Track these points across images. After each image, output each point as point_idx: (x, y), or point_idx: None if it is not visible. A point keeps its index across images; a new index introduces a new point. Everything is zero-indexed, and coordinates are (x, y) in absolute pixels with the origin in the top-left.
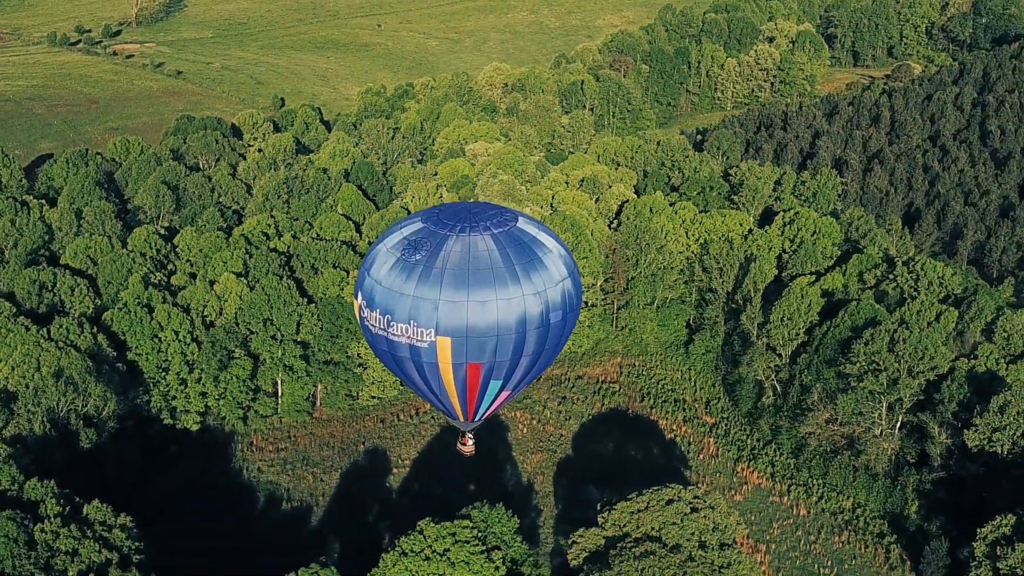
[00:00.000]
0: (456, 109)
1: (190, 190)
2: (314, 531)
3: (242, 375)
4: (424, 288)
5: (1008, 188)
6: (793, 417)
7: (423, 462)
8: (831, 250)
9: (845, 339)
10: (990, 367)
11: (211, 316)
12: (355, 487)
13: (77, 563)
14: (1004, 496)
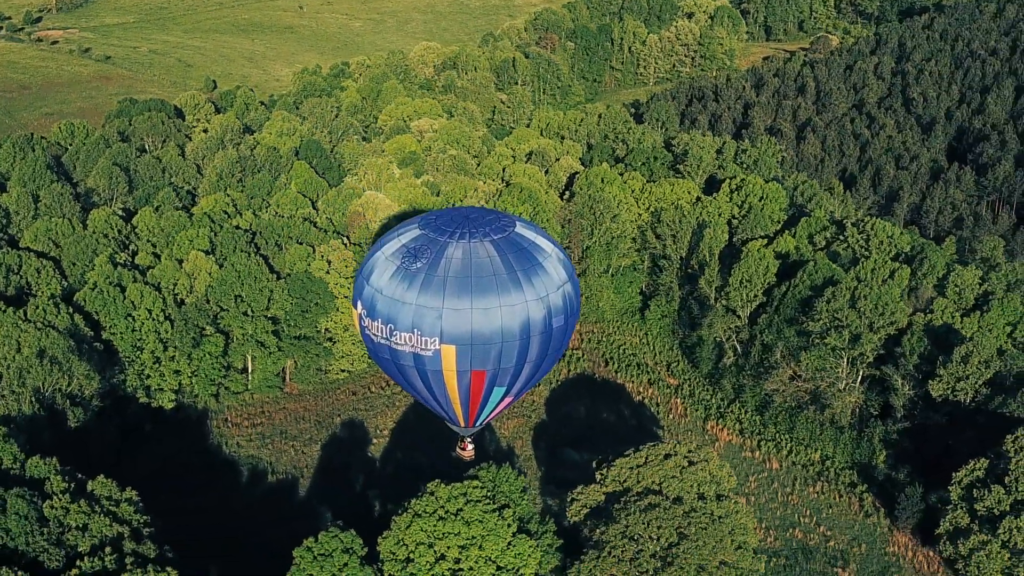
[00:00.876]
0: (397, 87)
1: (141, 171)
2: (303, 502)
3: (215, 352)
4: (427, 297)
5: (936, 152)
6: (756, 376)
7: (401, 432)
8: (779, 215)
9: (805, 298)
10: (945, 320)
11: (181, 294)
12: (337, 458)
13: (88, 538)
14: (969, 443)
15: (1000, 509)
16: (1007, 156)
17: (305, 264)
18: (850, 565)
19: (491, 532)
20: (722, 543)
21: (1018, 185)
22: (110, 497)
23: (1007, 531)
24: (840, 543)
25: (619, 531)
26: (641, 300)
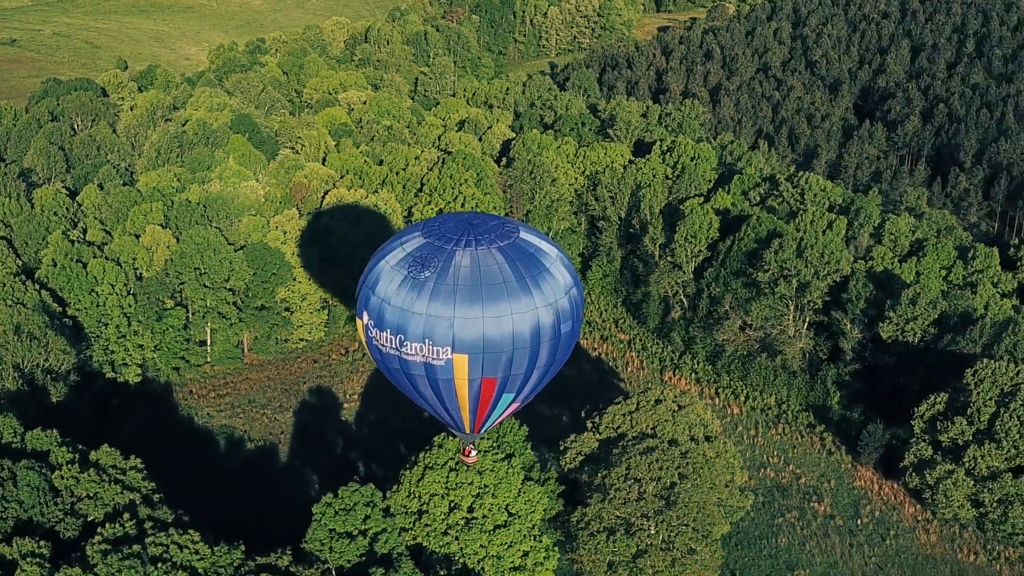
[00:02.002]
0: (318, 60)
1: (76, 150)
2: (286, 467)
3: (177, 325)
4: (437, 306)
5: (844, 111)
6: (705, 327)
7: (370, 396)
8: (710, 174)
9: (750, 251)
10: (885, 266)
11: (141, 268)
12: (312, 423)
13: (100, 506)
14: (920, 381)
15: (964, 439)
16: (913, 112)
17: (260, 235)
18: (824, 499)
19: (502, 480)
20: (717, 482)
21: (927, 139)
22: (115, 466)
23: (972, 459)
24: (810, 480)
25: (621, 474)
26: (580, 261)
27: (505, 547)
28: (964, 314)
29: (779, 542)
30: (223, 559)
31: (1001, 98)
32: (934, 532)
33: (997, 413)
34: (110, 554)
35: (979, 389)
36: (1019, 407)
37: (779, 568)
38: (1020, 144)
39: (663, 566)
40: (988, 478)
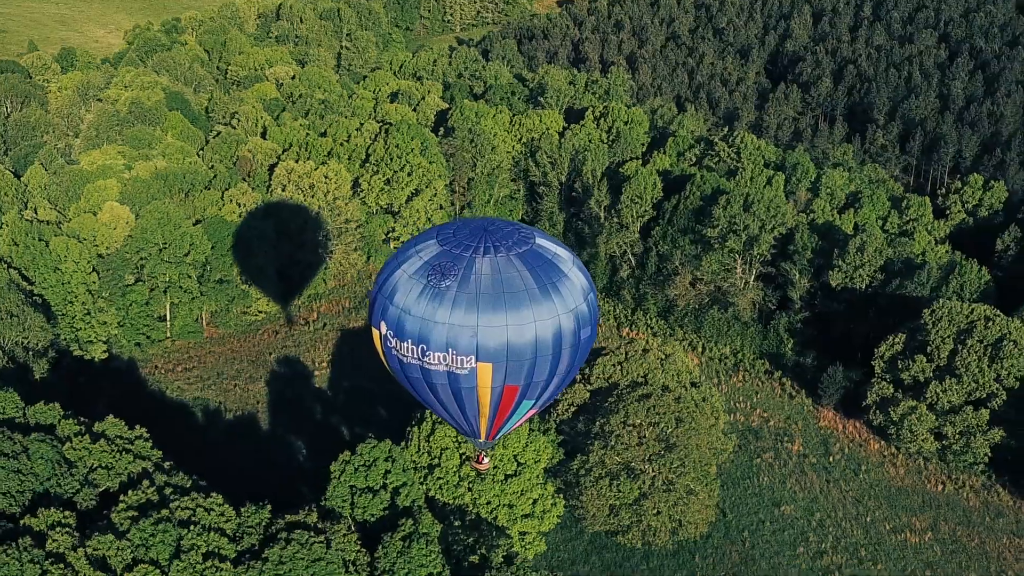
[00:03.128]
0: (241, 37)
1: (12, 131)
2: (269, 435)
3: (140, 301)
4: (460, 315)
5: (757, 75)
6: (655, 284)
7: (339, 363)
8: (643, 137)
9: (696, 208)
10: (826, 218)
11: (102, 245)
12: (286, 392)
13: (115, 476)
14: (869, 325)
15: (924, 376)
16: (824, 74)
17: (216, 209)
18: (795, 440)
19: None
20: (706, 425)
21: (840, 99)
22: (122, 436)
23: (934, 394)
24: (779, 423)
25: (620, 421)
26: None
27: (517, 495)
28: (907, 260)
29: (760, 481)
30: (251, 519)
31: (905, 58)
32: (901, 466)
33: (956, 350)
34: (141, 519)
35: (937, 328)
36: (976, 343)
37: (765, 505)
38: (930, 100)
39: (665, 507)
40: (950, 412)
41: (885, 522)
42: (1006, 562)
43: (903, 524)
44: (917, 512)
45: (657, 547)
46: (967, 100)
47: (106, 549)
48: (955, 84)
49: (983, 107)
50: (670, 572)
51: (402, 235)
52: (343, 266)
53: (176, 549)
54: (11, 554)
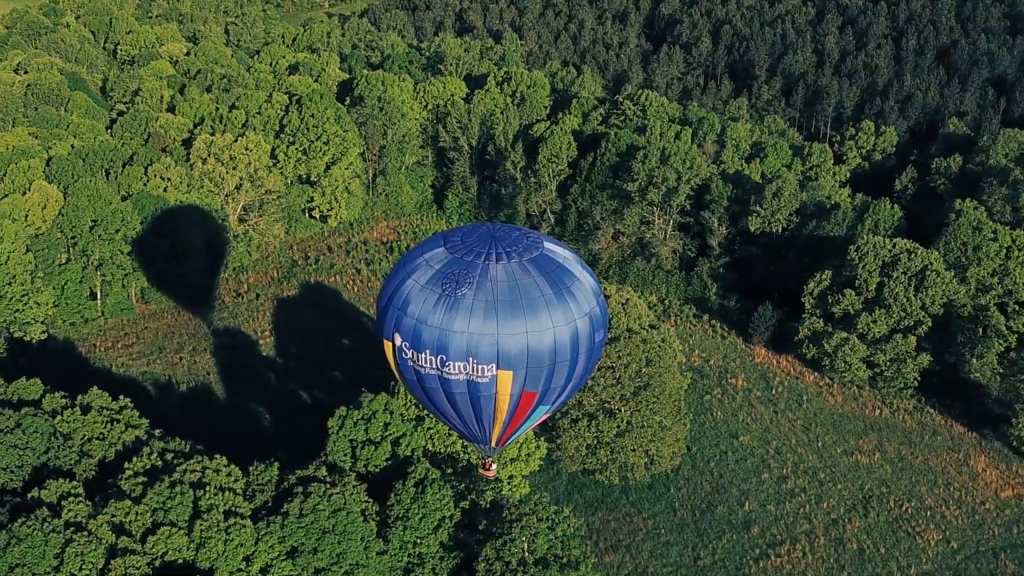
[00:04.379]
0: (128, 17)
1: None
2: (228, 403)
3: (75, 279)
4: (479, 323)
5: (637, 37)
6: (577, 239)
7: (282, 330)
8: (546, 100)
9: (613, 164)
10: (735, 168)
11: (33, 225)
12: (235, 361)
13: (108, 445)
14: (787, 266)
15: (854, 309)
16: (703, 35)
17: (142, 184)
18: (738, 376)
19: None
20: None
21: (721, 58)
22: (106, 407)
23: (864, 325)
24: (718, 362)
25: None
26: (433, 193)
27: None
28: (819, 204)
29: (715, 415)
30: (261, 477)
31: (776, 17)
32: (838, 394)
33: (882, 283)
34: (156, 483)
35: (864, 263)
36: (901, 275)
37: (724, 437)
38: (807, 56)
39: (641, 443)
40: (880, 341)
41: (835, 446)
42: (949, 475)
43: (852, 447)
44: (861, 435)
45: (634, 482)
46: (841, 54)
47: (123, 515)
48: (828, 40)
49: (858, 59)
50: (649, 504)
51: (321, 204)
52: (266, 237)
53: (194, 510)
54: (32, 526)
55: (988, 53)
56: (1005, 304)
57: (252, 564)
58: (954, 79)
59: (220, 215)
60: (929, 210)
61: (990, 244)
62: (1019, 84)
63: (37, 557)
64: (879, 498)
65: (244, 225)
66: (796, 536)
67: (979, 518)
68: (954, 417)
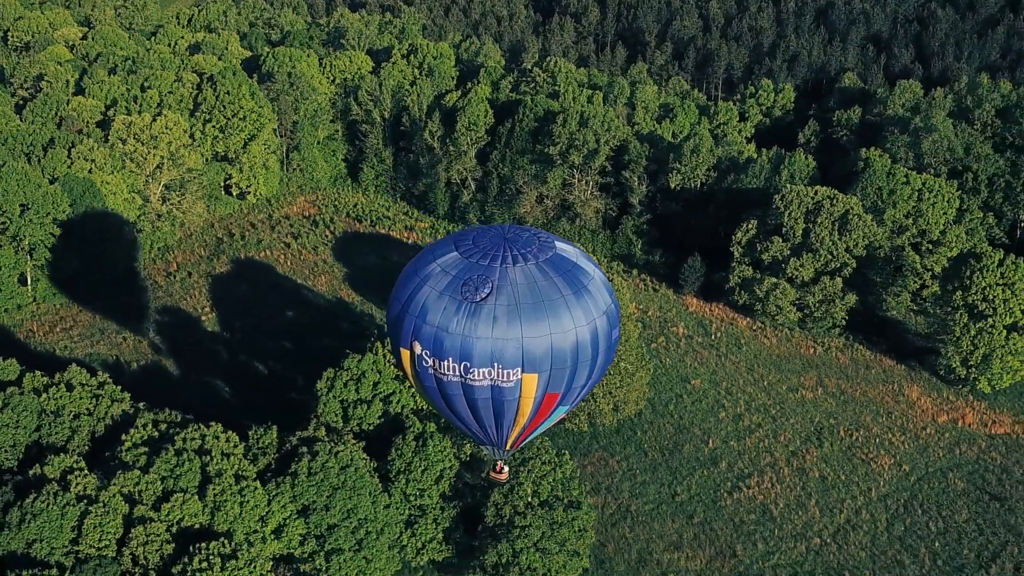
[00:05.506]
0: (14, 3)
1: None
2: (183, 380)
3: (9, 264)
4: (503, 328)
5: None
6: (500, 204)
7: (221, 306)
8: (453, 71)
9: (532, 130)
10: (649, 128)
11: None
12: (180, 339)
13: (97, 419)
14: (708, 220)
15: (782, 255)
16: (590, 3)
17: (66, 167)
18: (678, 325)
19: None
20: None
21: (611, 25)
22: (85, 384)
23: (793, 269)
24: (656, 312)
25: None
26: (347, 167)
27: None
28: (733, 159)
29: (664, 362)
30: (262, 440)
31: None
32: (772, 336)
33: (808, 229)
34: (161, 452)
35: (789, 210)
36: (826, 220)
37: (677, 381)
38: (694, 20)
39: (609, 389)
40: (808, 283)
41: (780, 384)
42: (889, 405)
43: (795, 384)
44: (802, 373)
45: (602, 428)
46: (726, 18)
47: (133, 485)
48: (711, 5)
49: (742, 23)
50: (620, 448)
51: (240, 181)
52: (189, 216)
53: (203, 476)
54: (45, 500)
55: (864, 12)
56: (919, 244)
57: (267, 524)
58: (835, 38)
59: (143, 195)
60: (832, 160)
61: (903, 188)
62: (894, 40)
63: (55, 531)
64: (829, 429)
65: (167, 204)
66: (762, 468)
67: (923, 442)
68: (882, 352)
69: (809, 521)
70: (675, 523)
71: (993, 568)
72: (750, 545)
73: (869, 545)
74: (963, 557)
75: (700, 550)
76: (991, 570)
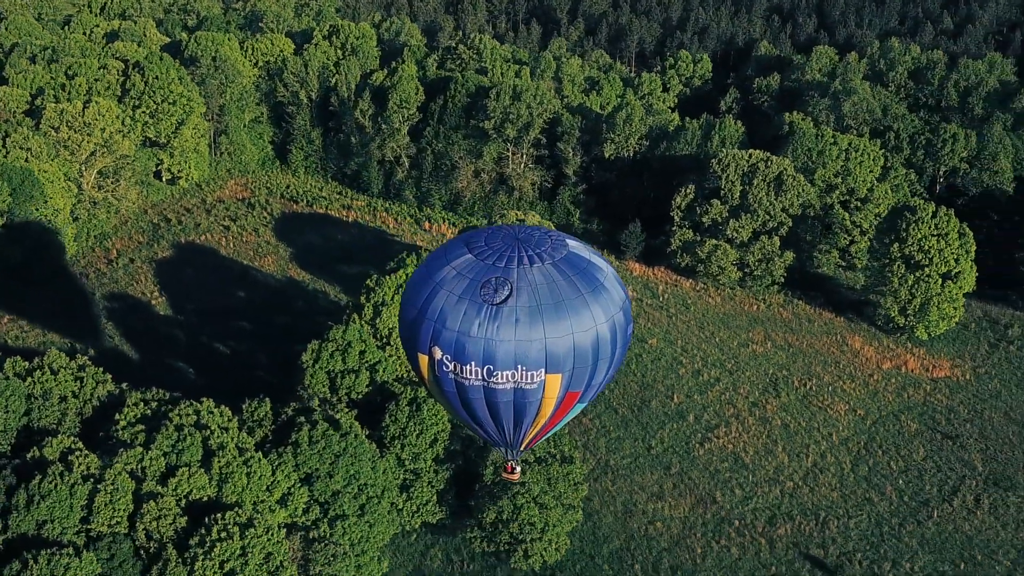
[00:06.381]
0: None
1: None
2: (144, 363)
3: None
4: (525, 330)
5: None
6: (436, 180)
7: (170, 289)
8: (375, 51)
9: (464, 106)
10: (578, 101)
11: None
12: (133, 324)
13: (83, 401)
14: (643, 188)
15: (722, 217)
16: None
17: (1, 156)
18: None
19: None
20: None
21: (522, 4)
22: (65, 367)
23: (733, 230)
24: None
25: None
26: (274, 149)
27: None
28: (663, 128)
29: None
30: (256, 413)
31: None
32: (715, 296)
33: (745, 191)
34: (161, 428)
35: (726, 174)
36: (761, 182)
37: (635, 340)
38: None
39: None
40: (748, 243)
41: (731, 340)
42: (835, 356)
43: (745, 340)
44: (749, 329)
45: None
46: None
47: (136, 462)
48: None
49: None
50: (591, 406)
51: (172, 166)
52: (123, 203)
53: (205, 450)
54: (52, 481)
55: None
56: (848, 202)
57: (272, 494)
58: (741, 9)
59: (76, 182)
60: (755, 126)
61: (831, 148)
62: (797, 10)
63: (65, 511)
64: (784, 380)
65: (103, 192)
66: (727, 419)
67: (872, 388)
68: (820, 306)
69: (779, 466)
70: (654, 475)
71: (955, 500)
72: (728, 491)
73: (838, 486)
74: (926, 492)
75: (681, 499)
76: (954, 503)
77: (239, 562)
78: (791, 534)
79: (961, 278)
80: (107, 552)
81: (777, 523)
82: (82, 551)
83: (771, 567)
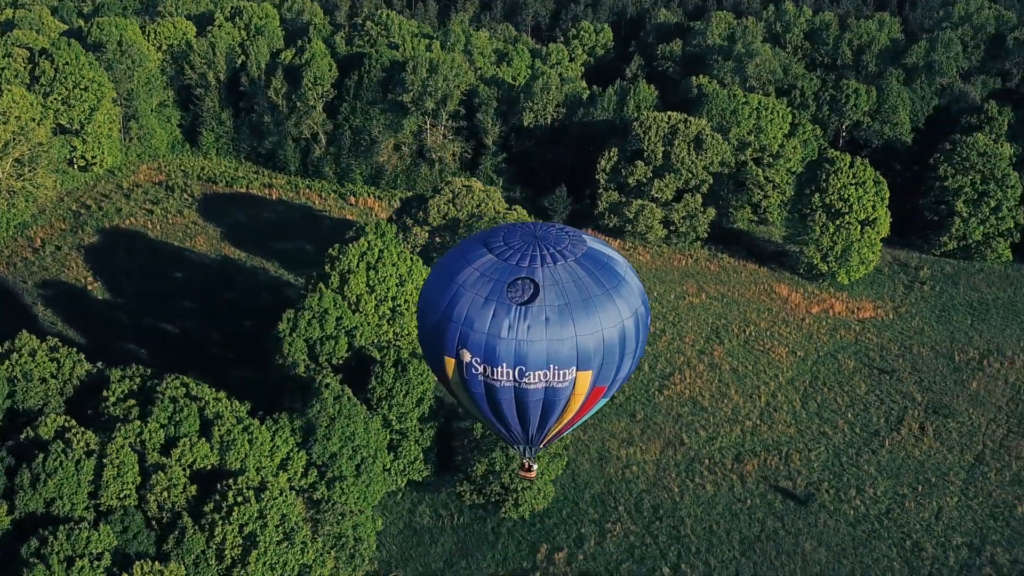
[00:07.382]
0: None
1: None
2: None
3: None
4: (556, 329)
5: None
6: (356, 155)
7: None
8: (279, 31)
9: (380, 80)
10: (491, 73)
11: None
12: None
13: (63, 381)
14: (563, 151)
15: (646, 177)
16: None
17: None
18: None
19: (411, 269)
20: None
21: None
22: (39, 348)
23: (658, 190)
24: None
25: None
26: (183, 132)
27: None
28: (577, 95)
29: None
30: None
31: None
32: (644, 253)
33: (667, 151)
34: (156, 400)
35: (648, 136)
36: (682, 142)
37: None
38: None
39: None
40: (672, 201)
41: (667, 294)
42: (766, 303)
43: (681, 293)
44: (682, 283)
45: None
46: None
47: (136, 436)
48: None
49: None
50: None
51: (86, 153)
52: (40, 191)
53: (202, 422)
54: (55, 458)
55: None
56: (760, 158)
57: (273, 459)
58: None
59: None
60: (663, 90)
61: (744, 108)
62: None
63: (73, 487)
64: (724, 328)
65: (21, 181)
66: (679, 367)
67: (806, 331)
68: (743, 259)
69: (736, 407)
70: (621, 422)
71: (903, 429)
72: (692, 433)
73: (793, 422)
74: (875, 424)
75: (651, 443)
76: (901, 431)
77: (257, 524)
78: (759, 469)
79: (878, 224)
80: (120, 525)
81: (744, 460)
82: (98, 525)
83: (746, 500)
